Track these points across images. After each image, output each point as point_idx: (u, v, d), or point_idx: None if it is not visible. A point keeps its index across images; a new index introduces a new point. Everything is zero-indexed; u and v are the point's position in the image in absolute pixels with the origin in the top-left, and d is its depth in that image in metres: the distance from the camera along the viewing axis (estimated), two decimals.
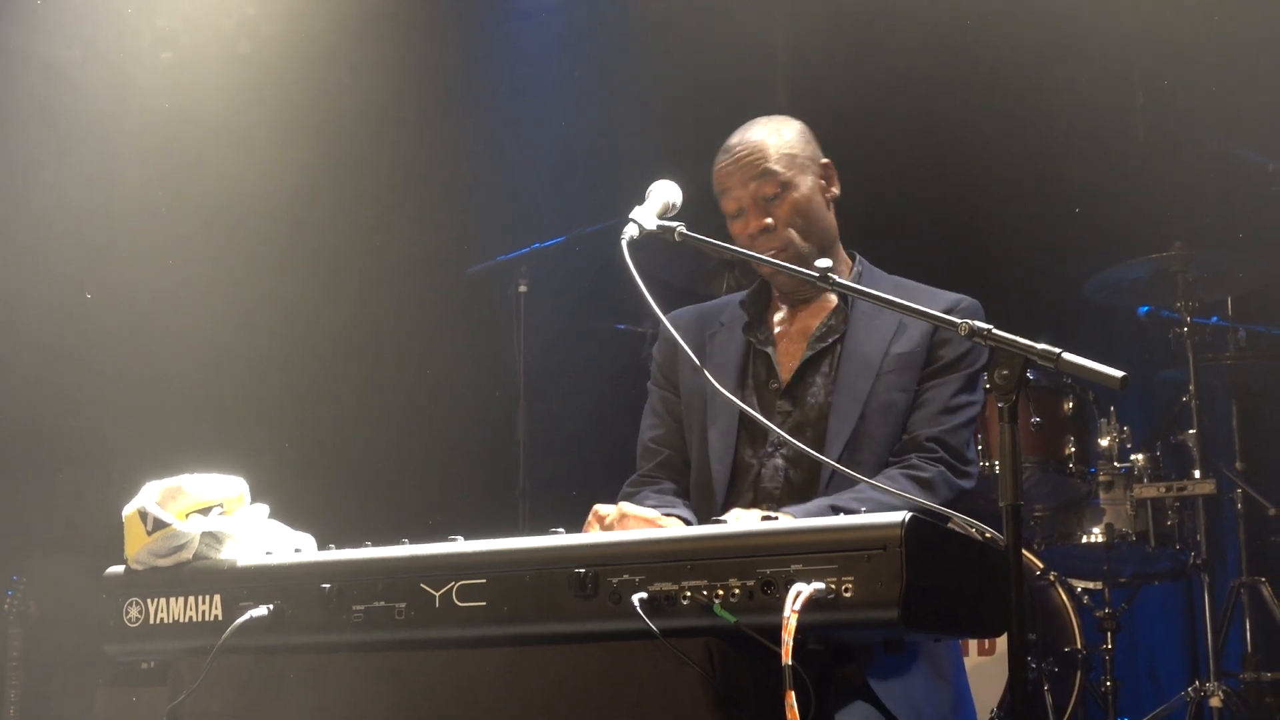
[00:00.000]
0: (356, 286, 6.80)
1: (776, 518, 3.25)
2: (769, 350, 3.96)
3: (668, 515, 3.60)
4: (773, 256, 3.84)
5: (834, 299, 3.96)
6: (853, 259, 4.05)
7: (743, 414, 3.85)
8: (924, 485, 3.65)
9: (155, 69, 6.40)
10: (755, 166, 3.93)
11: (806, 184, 3.95)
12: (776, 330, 4.02)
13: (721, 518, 3.28)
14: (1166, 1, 6.63)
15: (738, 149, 3.97)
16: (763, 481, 3.84)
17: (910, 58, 7.13)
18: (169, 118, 6.32)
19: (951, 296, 3.89)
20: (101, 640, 3.26)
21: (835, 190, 4.03)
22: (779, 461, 3.84)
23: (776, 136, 3.97)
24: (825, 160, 4.03)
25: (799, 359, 3.91)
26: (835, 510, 3.36)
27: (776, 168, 3.92)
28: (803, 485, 3.78)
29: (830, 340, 3.90)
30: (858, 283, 3.78)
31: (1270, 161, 6.43)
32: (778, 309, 4.06)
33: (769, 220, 3.91)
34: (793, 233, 3.91)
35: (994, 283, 7.04)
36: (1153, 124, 7.22)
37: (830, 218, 4.01)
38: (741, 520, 3.24)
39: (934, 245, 6.92)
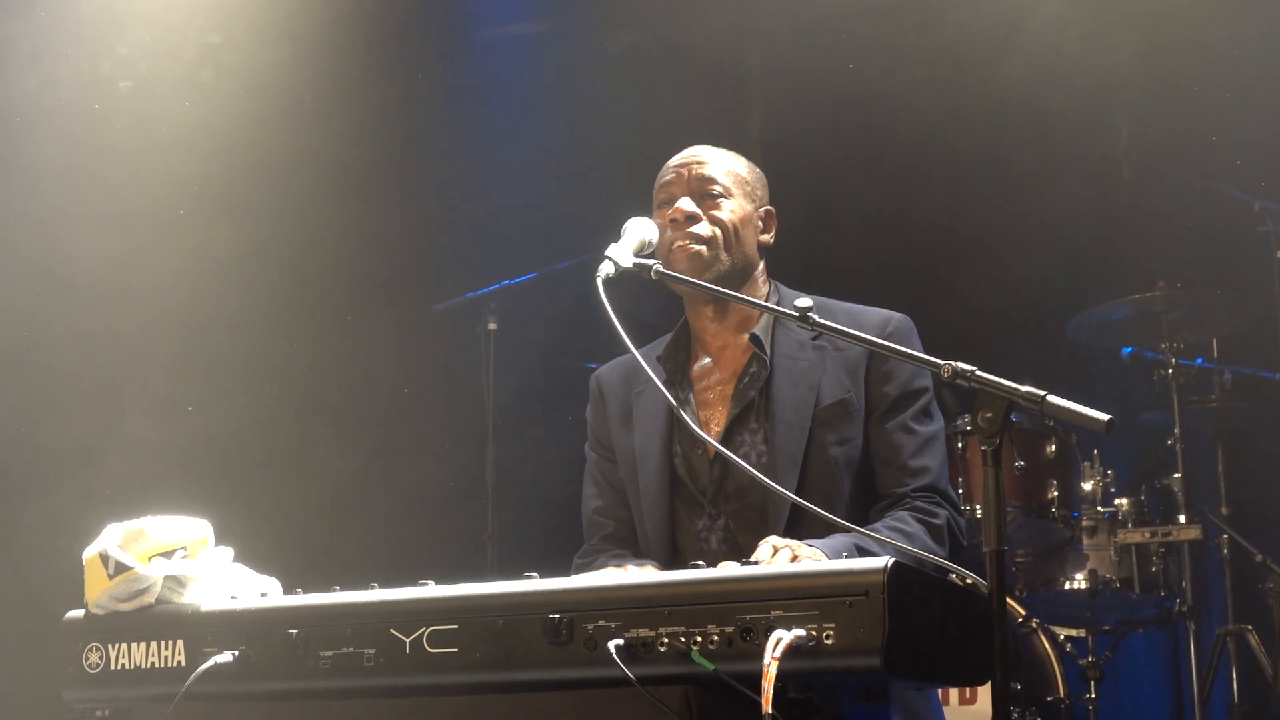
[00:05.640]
0: (322, 323, 6.72)
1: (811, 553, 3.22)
2: (692, 411, 3.82)
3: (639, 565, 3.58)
4: (692, 253, 3.72)
5: (747, 339, 3.84)
6: (769, 285, 3.91)
7: (675, 480, 3.79)
8: (935, 531, 3.60)
9: (115, 97, 6.33)
10: (700, 170, 3.82)
11: (744, 208, 3.82)
12: (698, 385, 3.88)
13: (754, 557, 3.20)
14: (1151, 40, 6.62)
15: (685, 155, 3.88)
16: (709, 550, 3.73)
17: (888, 97, 7.10)
18: (129, 147, 6.24)
19: (879, 316, 3.78)
20: (60, 686, 3.20)
21: (767, 238, 3.89)
22: (721, 530, 3.75)
23: (727, 158, 3.89)
24: (769, 208, 3.91)
25: (724, 419, 3.79)
26: (861, 550, 3.33)
27: (721, 179, 3.81)
28: (753, 547, 3.56)
29: (753, 393, 3.77)
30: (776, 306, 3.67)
31: (1256, 200, 6.41)
32: (698, 358, 3.92)
33: (698, 211, 3.77)
34: (719, 235, 3.77)
35: (976, 323, 7.02)
36: (1137, 162, 7.19)
37: (755, 254, 3.85)
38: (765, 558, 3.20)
39: (914, 285, 6.88)
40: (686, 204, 3.78)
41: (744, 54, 7.74)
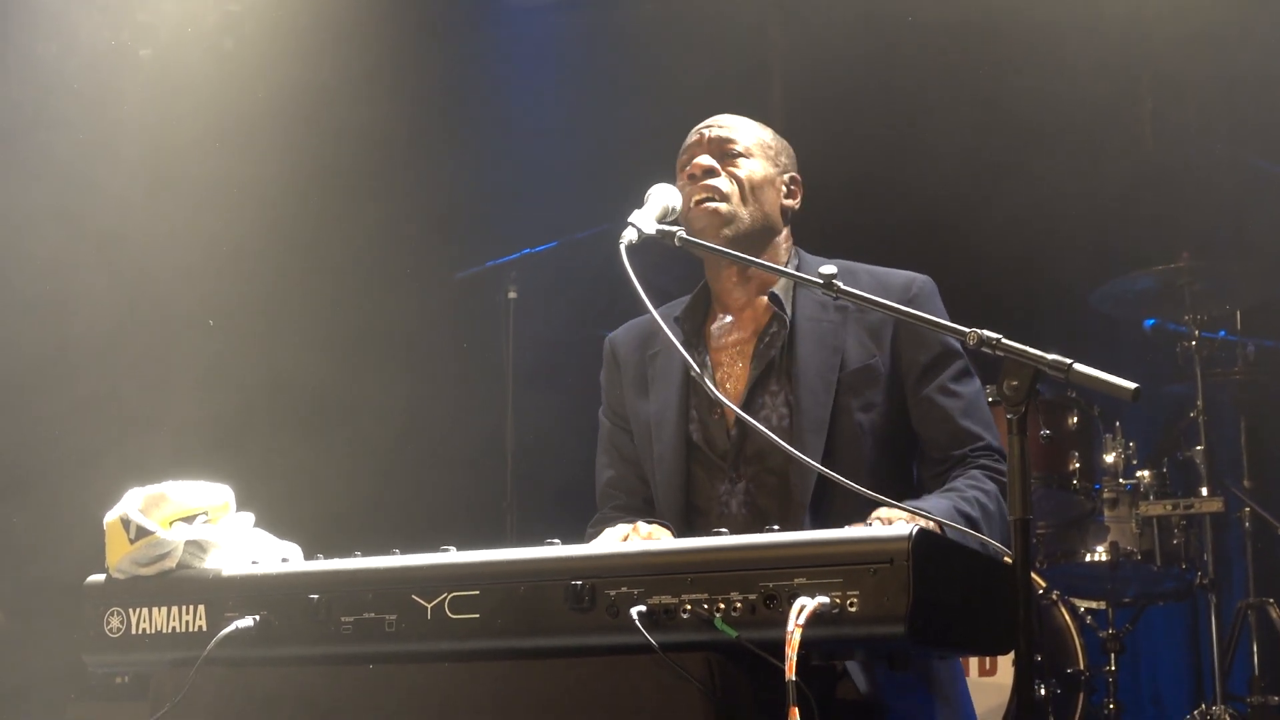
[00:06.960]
0: (342, 291, 6.71)
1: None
2: (709, 372, 3.79)
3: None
4: (709, 206, 3.71)
5: (767, 300, 3.81)
6: (791, 251, 3.89)
7: (691, 445, 3.76)
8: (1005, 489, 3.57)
9: (134, 65, 6.31)
10: (722, 131, 3.82)
11: (766, 169, 3.81)
12: (715, 346, 3.85)
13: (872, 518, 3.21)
14: (1176, 6, 6.55)
15: (709, 120, 3.88)
16: (729, 514, 3.71)
17: (910, 66, 7.06)
18: (149, 115, 6.22)
19: (903, 279, 3.76)
20: (80, 651, 3.20)
21: (792, 203, 3.87)
22: (742, 493, 3.71)
23: (752, 124, 3.88)
24: (795, 175, 3.89)
25: (744, 382, 3.76)
26: (965, 516, 3.34)
27: (742, 139, 3.81)
28: (775, 512, 3.64)
29: (773, 354, 3.74)
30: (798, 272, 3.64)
31: None
32: (716, 319, 3.89)
33: (716, 165, 3.77)
34: (736, 191, 3.76)
35: (999, 293, 6.97)
36: (1161, 131, 7.14)
37: (777, 217, 3.82)
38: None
39: (937, 253, 6.82)
40: (705, 159, 3.77)
41: (765, 22, 7.70)
